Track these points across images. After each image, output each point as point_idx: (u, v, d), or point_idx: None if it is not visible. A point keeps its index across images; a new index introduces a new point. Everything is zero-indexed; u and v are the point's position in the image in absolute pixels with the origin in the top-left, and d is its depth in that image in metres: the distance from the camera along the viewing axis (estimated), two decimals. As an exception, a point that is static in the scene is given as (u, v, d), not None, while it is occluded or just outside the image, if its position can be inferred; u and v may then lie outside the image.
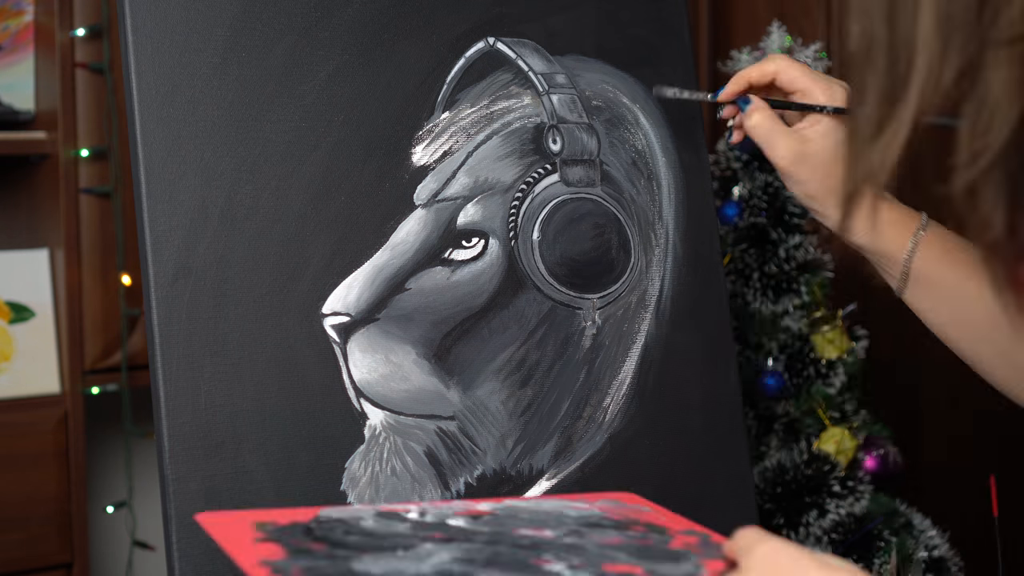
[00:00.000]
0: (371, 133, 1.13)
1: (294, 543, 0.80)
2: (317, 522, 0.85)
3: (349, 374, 1.10)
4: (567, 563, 0.80)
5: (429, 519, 0.87)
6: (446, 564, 0.78)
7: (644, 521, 0.90)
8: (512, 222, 1.18)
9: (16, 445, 1.75)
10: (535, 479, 1.17)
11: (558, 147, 1.21)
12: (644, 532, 0.87)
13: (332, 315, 1.10)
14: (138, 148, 1.04)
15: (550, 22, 1.23)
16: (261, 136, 1.08)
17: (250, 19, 1.09)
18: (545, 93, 1.21)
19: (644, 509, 0.94)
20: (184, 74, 1.06)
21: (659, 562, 0.81)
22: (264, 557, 0.77)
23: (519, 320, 1.18)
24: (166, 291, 1.03)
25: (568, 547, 0.83)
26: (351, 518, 0.86)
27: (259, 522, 0.84)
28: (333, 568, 0.77)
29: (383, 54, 1.14)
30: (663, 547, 0.84)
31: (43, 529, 1.77)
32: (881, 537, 1.58)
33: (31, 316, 1.83)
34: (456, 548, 0.81)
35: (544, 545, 0.83)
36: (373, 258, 1.12)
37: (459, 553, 0.80)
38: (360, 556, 0.79)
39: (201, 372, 1.04)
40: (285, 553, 0.78)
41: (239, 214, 1.07)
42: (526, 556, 0.81)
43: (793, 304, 1.61)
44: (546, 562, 0.79)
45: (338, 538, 0.82)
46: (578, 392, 1.20)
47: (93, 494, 1.98)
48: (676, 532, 0.87)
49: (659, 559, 0.81)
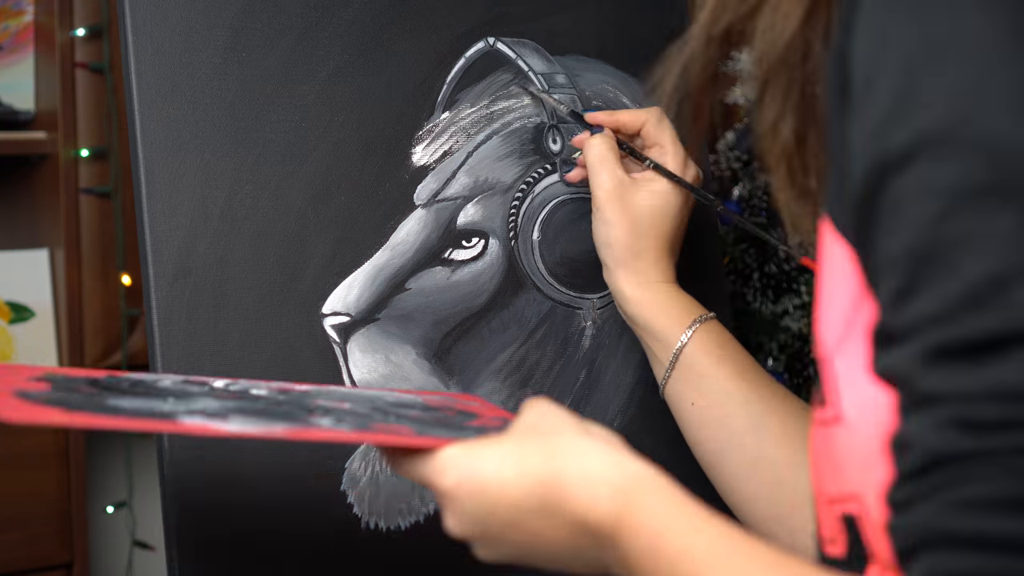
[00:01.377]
0: (371, 133, 1.13)
1: (67, 384, 0.74)
2: (112, 378, 0.79)
3: (349, 374, 1.10)
4: (336, 419, 0.74)
5: (233, 388, 0.81)
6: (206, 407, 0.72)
7: (460, 408, 0.86)
8: (512, 222, 1.18)
9: (16, 445, 1.75)
10: (535, 479, 1.17)
11: (558, 147, 1.21)
12: (452, 415, 0.83)
13: (332, 315, 1.10)
14: (138, 148, 1.04)
15: (550, 22, 1.23)
16: (261, 136, 1.08)
17: (250, 19, 1.09)
18: (545, 93, 1.21)
19: (472, 403, 0.90)
20: (184, 74, 1.06)
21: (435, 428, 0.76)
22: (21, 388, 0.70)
23: (519, 320, 1.18)
24: (166, 291, 1.03)
25: (354, 413, 0.77)
26: (151, 380, 0.80)
27: (50, 373, 0.77)
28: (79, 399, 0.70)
29: (383, 54, 1.14)
30: (458, 424, 0.79)
31: (43, 529, 1.77)
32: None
33: (31, 316, 1.83)
34: (232, 403, 0.75)
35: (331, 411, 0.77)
36: (373, 258, 1.12)
37: (231, 406, 0.74)
38: (121, 397, 0.73)
39: (201, 372, 1.04)
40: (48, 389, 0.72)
41: (239, 214, 1.07)
42: (300, 413, 0.75)
43: (793, 304, 1.61)
44: (316, 417, 0.74)
45: (117, 387, 0.76)
46: (578, 392, 1.20)
47: (93, 494, 1.98)
48: (485, 416, 0.83)
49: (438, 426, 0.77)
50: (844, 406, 0.64)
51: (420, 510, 1.11)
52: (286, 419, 0.73)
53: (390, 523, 1.10)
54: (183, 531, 1.01)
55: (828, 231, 0.65)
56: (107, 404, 0.70)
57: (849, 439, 0.64)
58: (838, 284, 0.64)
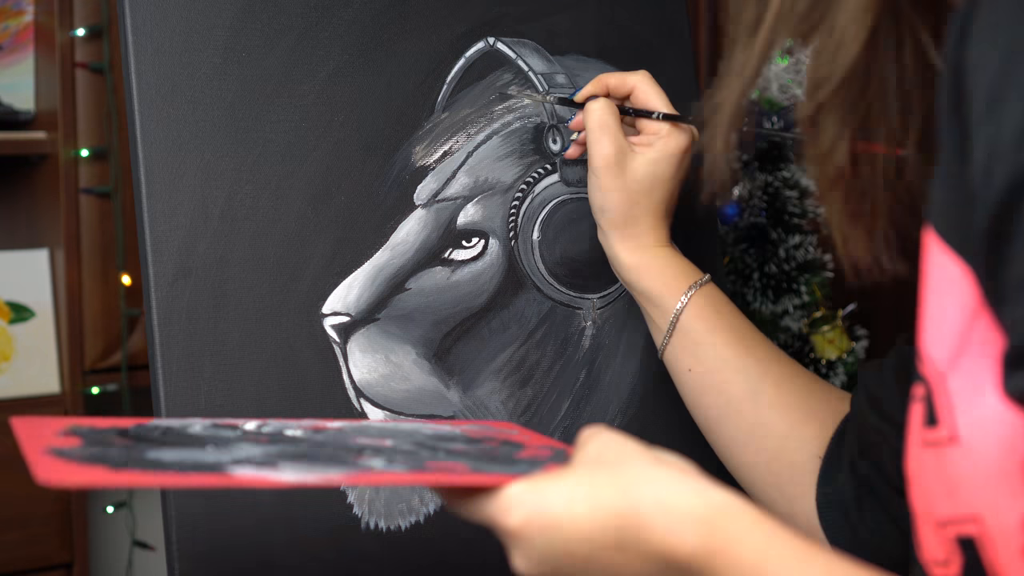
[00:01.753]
0: (371, 133, 1.13)
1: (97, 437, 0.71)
2: (140, 427, 0.76)
3: (349, 374, 1.10)
4: (387, 459, 0.72)
5: (266, 430, 0.78)
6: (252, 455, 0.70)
7: (502, 439, 0.83)
8: (512, 222, 1.18)
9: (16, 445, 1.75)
10: (535, 479, 1.17)
11: (558, 147, 1.21)
12: (496, 446, 0.80)
13: (332, 315, 1.10)
14: (138, 148, 1.04)
15: (550, 22, 1.23)
16: (261, 136, 1.08)
17: (250, 19, 1.09)
18: (545, 93, 1.21)
19: (512, 432, 0.87)
20: (184, 74, 1.06)
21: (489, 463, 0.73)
22: (54, 446, 0.68)
23: (519, 320, 1.18)
24: (166, 291, 1.03)
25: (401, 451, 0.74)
26: (180, 426, 0.78)
27: (75, 425, 0.75)
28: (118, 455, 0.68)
29: (383, 54, 1.14)
30: (507, 456, 0.76)
31: (43, 529, 1.77)
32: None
33: (31, 316, 1.83)
34: (273, 447, 0.73)
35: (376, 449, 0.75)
36: (373, 258, 1.12)
37: (273, 451, 0.72)
38: (160, 448, 0.70)
39: (201, 372, 1.04)
40: (81, 444, 0.69)
41: (239, 214, 1.07)
42: (347, 455, 0.72)
43: (793, 304, 1.61)
44: (365, 459, 0.72)
45: (149, 436, 0.74)
46: (578, 392, 1.20)
47: (93, 494, 1.98)
48: (531, 446, 0.81)
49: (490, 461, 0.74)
50: (960, 425, 0.62)
51: (420, 510, 1.11)
52: (336, 463, 0.70)
53: (390, 523, 1.10)
54: (183, 531, 1.01)
55: (934, 245, 0.63)
56: (148, 458, 0.68)
57: (967, 459, 0.62)
58: (947, 299, 0.62)
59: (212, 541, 1.03)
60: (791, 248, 1.62)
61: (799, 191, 1.60)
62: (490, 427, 0.89)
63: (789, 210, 1.62)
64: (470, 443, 0.80)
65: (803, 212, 1.62)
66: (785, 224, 1.62)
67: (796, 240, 1.62)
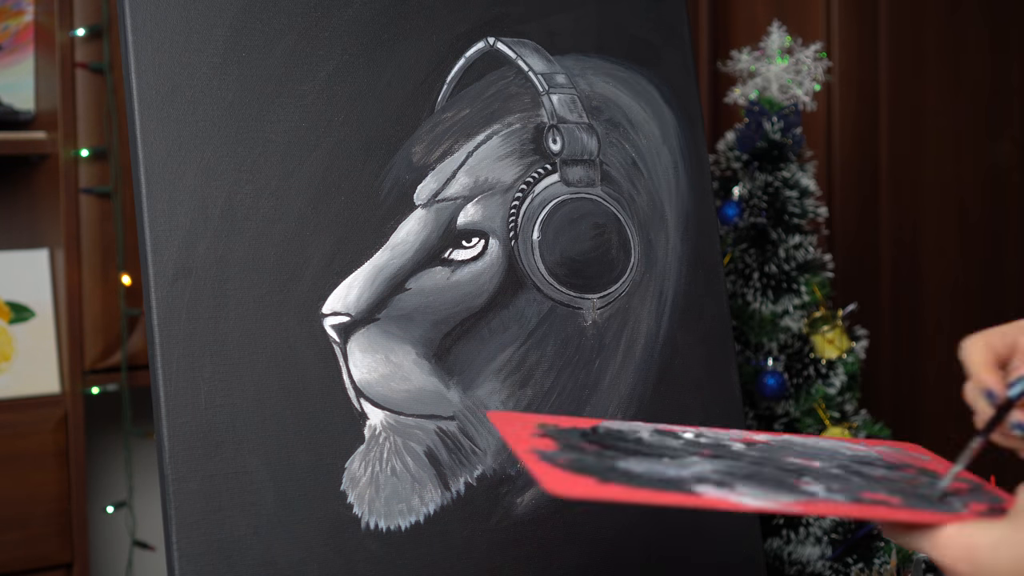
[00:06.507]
0: (371, 133, 1.13)
1: (567, 441, 0.82)
2: (595, 430, 0.87)
3: (349, 374, 1.10)
4: (826, 486, 0.80)
5: (704, 440, 0.88)
6: (707, 472, 0.79)
7: (918, 466, 0.91)
8: (512, 222, 1.18)
9: (16, 445, 1.75)
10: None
11: (558, 147, 1.21)
12: (914, 474, 0.88)
13: (332, 315, 1.10)
14: (138, 148, 1.04)
15: (550, 22, 1.23)
16: (261, 136, 1.08)
17: (250, 19, 1.09)
18: (545, 93, 1.21)
19: (923, 457, 0.95)
20: (184, 74, 1.06)
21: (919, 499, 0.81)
22: (536, 447, 0.80)
23: (519, 320, 1.18)
24: (166, 291, 1.03)
25: (832, 476, 0.84)
26: (629, 430, 0.88)
27: (542, 423, 0.87)
28: (597, 463, 0.78)
29: (383, 54, 1.14)
30: (929, 487, 0.84)
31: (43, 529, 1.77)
32: (881, 537, 1.58)
33: (31, 316, 1.83)
34: (720, 463, 0.82)
35: (808, 471, 0.84)
36: (373, 258, 1.12)
37: (722, 467, 0.81)
38: (626, 458, 0.80)
39: (201, 372, 1.04)
40: (557, 447, 0.80)
41: (239, 214, 1.07)
42: (787, 477, 0.82)
43: (793, 304, 1.61)
44: (805, 484, 0.80)
45: (610, 443, 0.84)
46: (578, 392, 1.20)
47: (93, 494, 1.98)
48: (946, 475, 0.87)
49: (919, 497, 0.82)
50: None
51: (420, 510, 1.11)
52: (784, 488, 0.79)
53: (390, 523, 1.10)
54: (183, 531, 1.01)
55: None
56: (620, 469, 0.77)
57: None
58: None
59: (212, 541, 1.03)
60: (791, 248, 1.62)
61: (799, 191, 1.60)
62: (903, 451, 0.96)
63: (789, 210, 1.62)
64: (890, 469, 0.88)
65: (803, 212, 1.62)
66: (785, 224, 1.62)
67: (796, 240, 1.62)
